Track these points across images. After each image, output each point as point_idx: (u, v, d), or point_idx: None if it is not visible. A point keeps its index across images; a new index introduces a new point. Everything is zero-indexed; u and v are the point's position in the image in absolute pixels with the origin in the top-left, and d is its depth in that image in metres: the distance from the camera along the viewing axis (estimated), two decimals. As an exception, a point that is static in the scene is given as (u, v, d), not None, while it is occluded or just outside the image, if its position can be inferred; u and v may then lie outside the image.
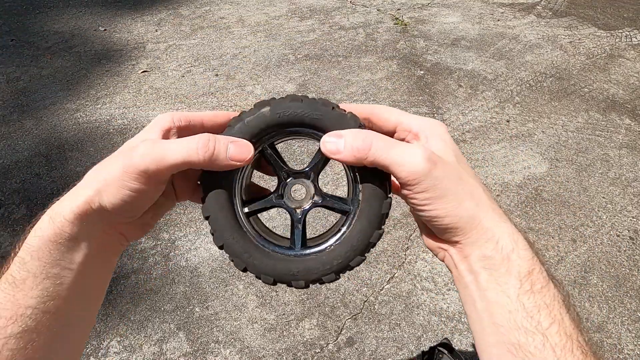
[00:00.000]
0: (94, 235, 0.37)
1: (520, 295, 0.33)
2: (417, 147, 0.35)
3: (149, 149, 0.34)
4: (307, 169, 0.40)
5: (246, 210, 0.40)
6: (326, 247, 0.39)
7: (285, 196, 0.41)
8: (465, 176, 0.36)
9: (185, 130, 0.39)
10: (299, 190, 0.41)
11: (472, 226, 0.35)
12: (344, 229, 0.39)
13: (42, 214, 0.36)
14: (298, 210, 0.41)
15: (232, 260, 0.38)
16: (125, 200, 0.35)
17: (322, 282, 0.38)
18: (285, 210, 0.41)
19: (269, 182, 0.92)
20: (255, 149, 0.38)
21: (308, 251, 0.39)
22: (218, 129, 0.40)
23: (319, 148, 0.37)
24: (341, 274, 0.39)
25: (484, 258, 0.35)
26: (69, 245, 0.35)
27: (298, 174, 0.40)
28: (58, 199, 0.37)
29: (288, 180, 0.41)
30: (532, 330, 0.32)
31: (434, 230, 0.38)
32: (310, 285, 0.38)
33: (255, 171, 0.45)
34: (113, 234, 0.39)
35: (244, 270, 0.38)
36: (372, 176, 0.38)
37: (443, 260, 0.40)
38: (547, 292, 0.33)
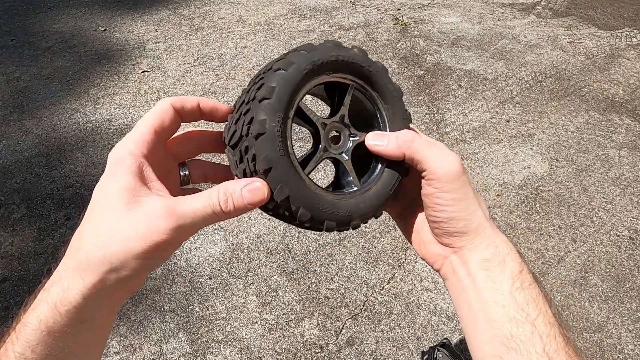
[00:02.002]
0: (104, 307, 0.34)
1: (513, 291, 0.37)
2: (449, 150, 0.39)
3: (166, 220, 0.32)
4: (338, 115, 0.42)
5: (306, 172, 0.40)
6: (371, 183, 0.43)
7: (329, 147, 0.42)
8: (474, 189, 0.41)
9: (154, 155, 0.37)
10: (337, 136, 0.43)
11: (478, 232, 0.39)
12: (379, 166, 0.43)
13: (32, 299, 0.33)
14: (344, 154, 0.42)
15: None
16: (150, 266, 0.34)
17: (377, 216, 0.43)
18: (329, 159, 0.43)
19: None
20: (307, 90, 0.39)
21: (365, 189, 0.42)
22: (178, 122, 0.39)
23: (347, 90, 0.42)
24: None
25: (484, 261, 0.39)
26: (77, 330, 0.32)
27: (331, 122, 0.42)
28: (47, 280, 0.33)
29: (325, 129, 0.42)
30: (523, 320, 0.36)
31: (442, 233, 0.40)
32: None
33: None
34: (123, 294, 0.37)
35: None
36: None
37: (439, 270, 0.43)
38: (533, 289, 0.38)
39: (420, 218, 0.44)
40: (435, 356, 1.07)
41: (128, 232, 0.32)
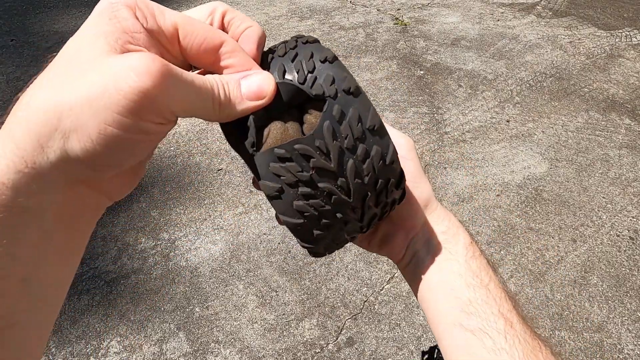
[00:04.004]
0: (51, 202, 0.22)
1: (467, 260, 0.39)
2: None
3: (155, 62, 0.21)
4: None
5: None
6: None
7: None
8: None
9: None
10: None
11: (433, 206, 0.42)
12: None
13: None
14: None
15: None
16: (112, 147, 0.21)
17: None
18: None
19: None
20: None
21: None
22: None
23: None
24: None
25: (441, 234, 0.41)
26: (7, 222, 0.20)
27: None
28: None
29: None
30: (478, 285, 0.38)
31: (408, 209, 0.41)
32: None
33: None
34: (85, 194, 0.24)
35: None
36: None
37: (400, 261, 0.42)
38: (482, 258, 0.41)
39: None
40: (435, 356, 1.07)
41: (97, 77, 0.21)
